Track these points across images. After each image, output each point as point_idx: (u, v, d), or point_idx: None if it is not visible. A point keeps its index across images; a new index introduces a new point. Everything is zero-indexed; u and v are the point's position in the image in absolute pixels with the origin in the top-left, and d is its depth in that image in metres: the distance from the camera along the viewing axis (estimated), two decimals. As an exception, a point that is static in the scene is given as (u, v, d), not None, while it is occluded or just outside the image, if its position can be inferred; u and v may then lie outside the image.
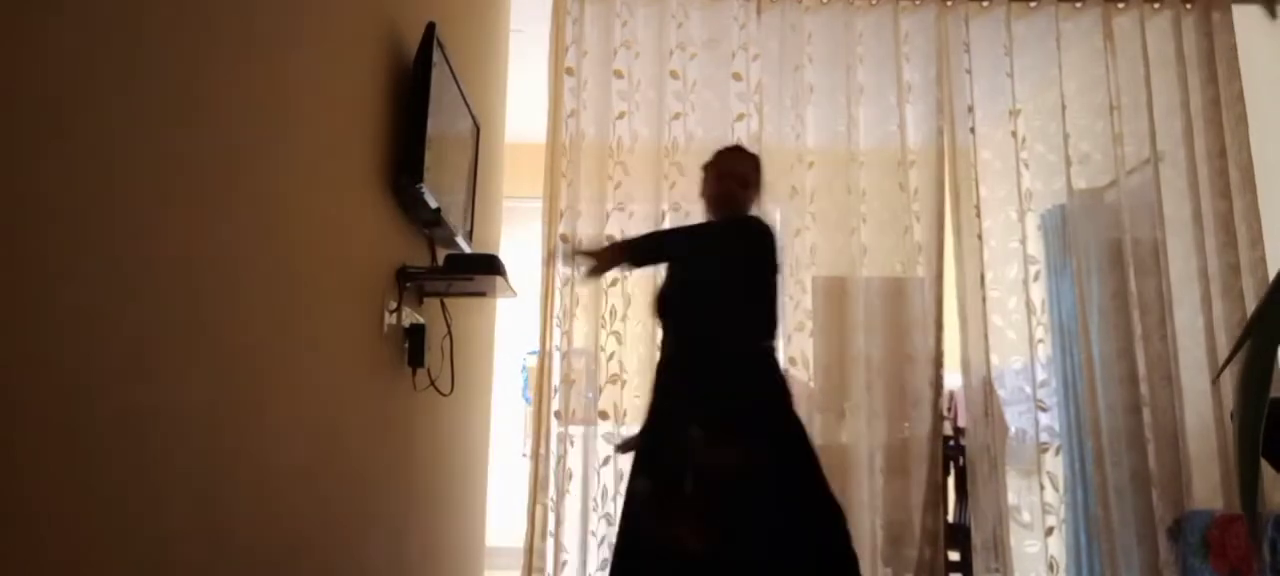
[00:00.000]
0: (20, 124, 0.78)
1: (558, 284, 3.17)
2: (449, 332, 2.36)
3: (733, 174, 2.42)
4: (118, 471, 0.94)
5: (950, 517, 3.30)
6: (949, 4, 3.40)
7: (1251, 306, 3.12)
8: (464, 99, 2.37)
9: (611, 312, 3.20)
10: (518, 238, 4.15)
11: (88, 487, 0.89)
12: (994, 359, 3.23)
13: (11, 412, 0.78)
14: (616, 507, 3.11)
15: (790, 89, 3.34)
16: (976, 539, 3.14)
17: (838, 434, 3.22)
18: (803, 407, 3.14)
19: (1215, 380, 3.04)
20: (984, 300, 3.21)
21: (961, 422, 3.41)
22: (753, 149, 3.26)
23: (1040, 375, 3.24)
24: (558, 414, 3.12)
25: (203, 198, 1.11)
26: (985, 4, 3.43)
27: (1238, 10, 3.39)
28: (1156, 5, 3.42)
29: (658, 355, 2.51)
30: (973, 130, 3.32)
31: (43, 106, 0.81)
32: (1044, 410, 3.22)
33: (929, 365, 3.17)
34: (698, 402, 2.20)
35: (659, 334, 2.68)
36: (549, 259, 2.93)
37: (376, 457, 1.91)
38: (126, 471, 0.95)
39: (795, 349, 3.19)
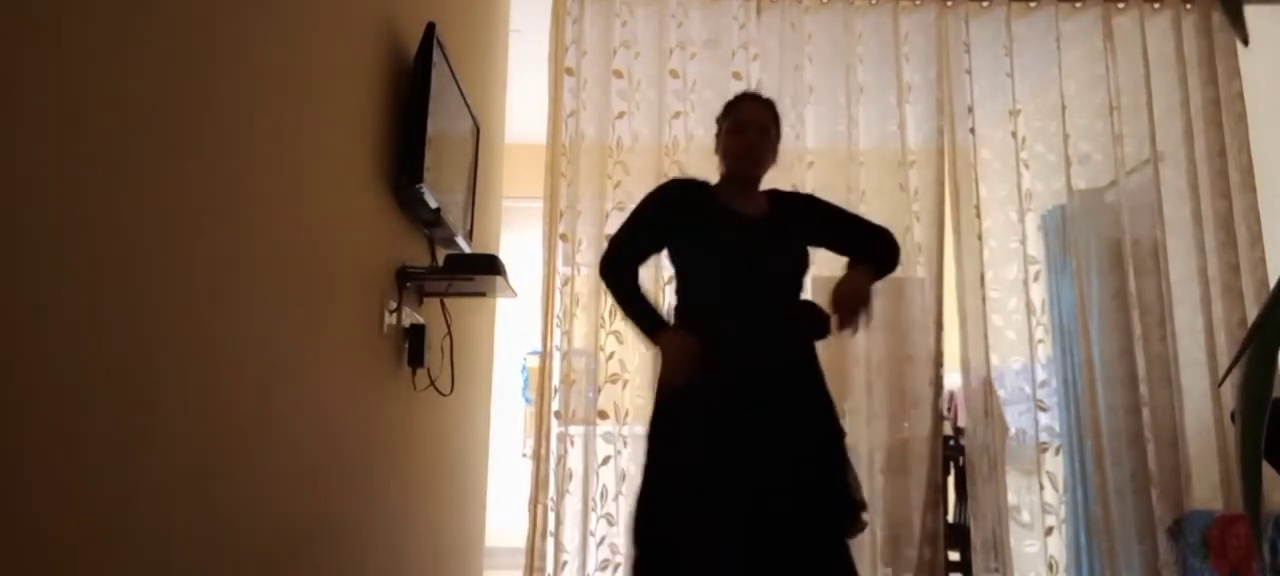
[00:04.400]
0: (21, 124, 0.78)
1: (558, 284, 3.17)
2: (449, 332, 2.36)
3: (753, 123, 2.09)
4: (118, 471, 0.94)
5: (950, 517, 3.30)
6: (949, 4, 3.40)
7: (1252, 306, 3.12)
8: (464, 99, 2.37)
9: (611, 312, 3.20)
10: (518, 238, 4.15)
11: (88, 487, 0.89)
12: (994, 359, 3.22)
13: (11, 412, 0.78)
14: (617, 508, 3.10)
15: (790, 89, 3.34)
16: (976, 539, 3.14)
17: (838, 434, 3.22)
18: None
19: (1219, 384, 3.04)
20: (984, 300, 3.20)
21: (961, 422, 3.41)
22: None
23: (1040, 375, 3.24)
24: (558, 414, 3.12)
25: (203, 197, 1.11)
26: (985, 4, 3.42)
27: (1243, 8, 3.39)
28: (1156, 5, 3.42)
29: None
30: (973, 130, 3.32)
31: (43, 107, 0.81)
32: (1044, 410, 3.22)
33: (929, 365, 3.17)
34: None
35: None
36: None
37: (376, 457, 1.91)
38: (126, 471, 0.95)
39: (795, 349, 3.19)
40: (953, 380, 3.32)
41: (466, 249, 2.42)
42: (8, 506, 0.77)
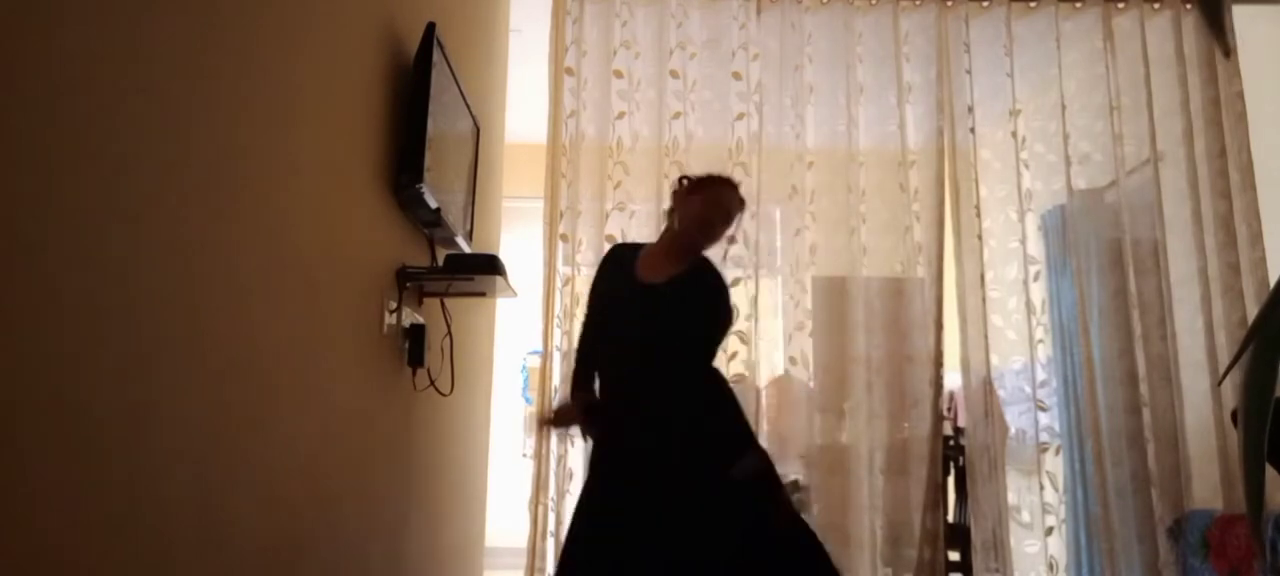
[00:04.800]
0: (21, 124, 0.78)
1: (558, 284, 3.17)
2: (449, 332, 2.36)
3: (724, 210, 2.14)
4: (118, 471, 0.93)
5: (950, 517, 3.30)
6: (949, 4, 3.40)
7: (1251, 306, 3.12)
8: (464, 99, 2.37)
9: (611, 312, 3.20)
10: (518, 238, 4.15)
11: (88, 487, 0.88)
12: (994, 359, 3.22)
13: (11, 412, 0.77)
14: (616, 507, 3.10)
15: (790, 89, 3.34)
16: (976, 539, 3.14)
17: (838, 434, 3.22)
18: (802, 408, 3.16)
19: (1219, 383, 3.04)
20: (984, 300, 3.20)
21: (961, 422, 3.41)
22: (752, 149, 3.28)
23: (1040, 375, 3.24)
24: (558, 414, 3.11)
25: (203, 197, 1.11)
26: (985, 4, 3.42)
27: (1238, 10, 3.39)
28: (1156, 5, 3.42)
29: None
30: (973, 130, 3.32)
31: (44, 107, 0.81)
32: (1044, 410, 3.22)
33: (929, 365, 3.17)
34: None
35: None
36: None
37: (376, 457, 1.91)
38: (126, 471, 0.95)
39: (795, 348, 3.19)
40: (953, 380, 3.32)
41: (466, 249, 2.41)
42: (9, 507, 0.77)
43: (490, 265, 2.15)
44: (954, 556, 3.25)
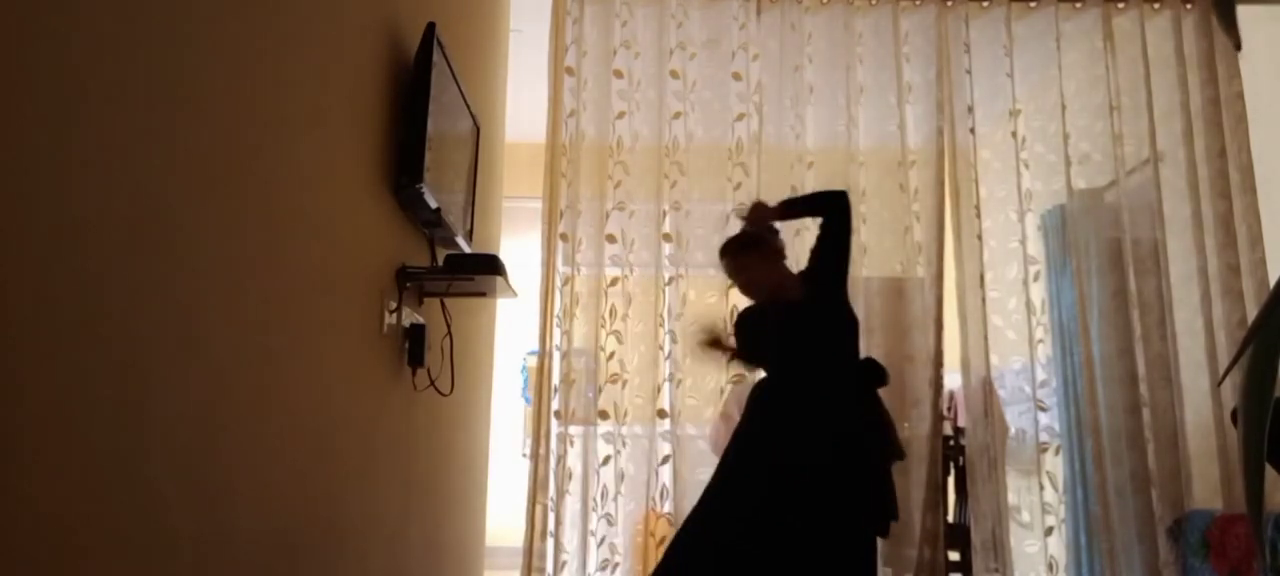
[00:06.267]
0: (20, 124, 0.78)
1: (557, 283, 3.17)
2: (449, 332, 2.36)
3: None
4: (117, 471, 0.93)
5: (950, 517, 3.30)
6: (949, 4, 3.40)
7: (1251, 306, 3.12)
8: (464, 99, 2.37)
9: (611, 312, 3.20)
10: (518, 238, 4.15)
11: (88, 487, 0.88)
12: (994, 359, 3.22)
13: (11, 412, 0.77)
14: (617, 508, 3.10)
15: (790, 89, 3.34)
16: (976, 539, 3.14)
17: (838, 434, 3.22)
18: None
19: (1219, 383, 3.04)
20: (984, 300, 3.20)
21: (961, 422, 3.41)
22: (752, 149, 3.28)
23: (1040, 375, 3.24)
24: (558, 414, 3.11)
25: (202, 197, 1.11)
26: (985, 4, 3.42)
27: (1238, 10, 3.39)
28: (1156, 5, 3.42)
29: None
30: (973, 130, 3.32)
31: (43, 107, 0.81)
32: (1044, 410, 3.22)
33: (929, 365, 3.17)
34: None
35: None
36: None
37: (376, 457, 1.91)
38: (126, 471, 0.95)
39: (795, 349, 3.18)
40: (953, 380, 3.32)
41: (466, 249, 2.41)
42: (6, 509, 0.77)
43: (490, 265, 2.15)
44: (954, 556, 3.25)
